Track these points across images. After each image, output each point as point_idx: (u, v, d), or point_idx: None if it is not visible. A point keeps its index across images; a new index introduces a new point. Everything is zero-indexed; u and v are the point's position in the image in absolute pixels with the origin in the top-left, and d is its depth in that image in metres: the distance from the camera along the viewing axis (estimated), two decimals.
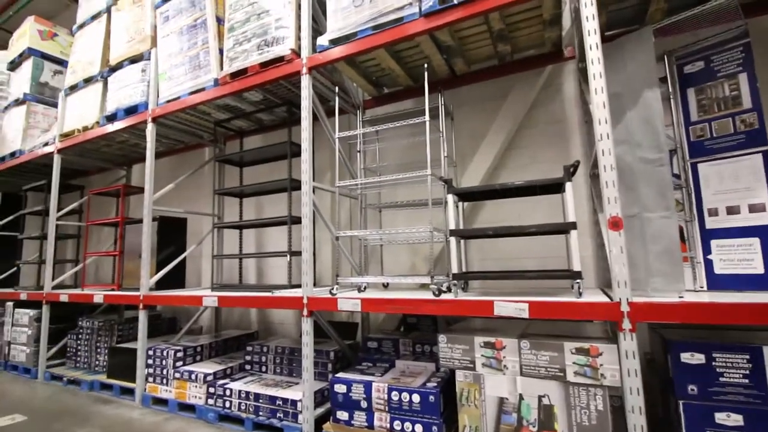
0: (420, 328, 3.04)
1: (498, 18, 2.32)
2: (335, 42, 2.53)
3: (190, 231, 4.35)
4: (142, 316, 3.23)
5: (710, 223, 1.99)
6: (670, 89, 2.11)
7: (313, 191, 2.61)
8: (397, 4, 2.31)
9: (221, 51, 3.13)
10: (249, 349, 3.14)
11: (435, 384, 2.17)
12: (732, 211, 1.92)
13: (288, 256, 3.06)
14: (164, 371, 3.10)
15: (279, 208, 3.98)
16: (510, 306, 1.87)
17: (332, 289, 2.49)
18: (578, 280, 1.90)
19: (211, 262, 3.48)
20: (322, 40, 2.57)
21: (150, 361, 3.19)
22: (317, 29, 2.87)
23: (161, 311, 4.52)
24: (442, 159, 2.59)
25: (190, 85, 3.21)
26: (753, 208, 1.87)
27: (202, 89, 3.12)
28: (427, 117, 2.29)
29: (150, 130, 3.41)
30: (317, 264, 3.59)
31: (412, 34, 2.30)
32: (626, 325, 1.66)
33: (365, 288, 2.69)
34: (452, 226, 2.17)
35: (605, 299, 1.81)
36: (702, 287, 1.99)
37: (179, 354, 3.11)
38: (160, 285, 3.50)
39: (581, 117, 2.81)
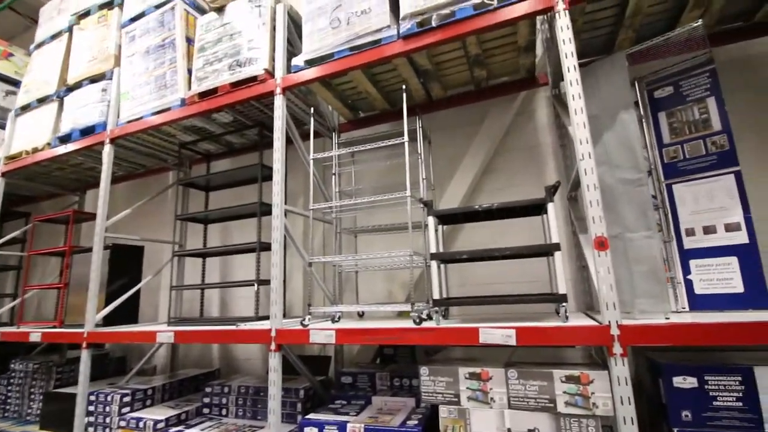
0: (397, 359, 2.85)
1: (475, 43, 2.34)
2: (311, 63, 2.48)
3: (149, 261, 4.03)
4: (85, 356, 2.88)
5: (688, 243, 1.99)
6: (642, 113, 2.16)
7: (285, 215, 2.46)
8: (375, 26, 2.30)
9: (190, 71, 3.02)
10: (208, 390, 2.83)
11: (416, 422, 1.99)
12: (709, 230, 1.93)
13: (255, 285, 2.84)
14: (108, 419, 2.73)
15: (248, 236, 3.77)
16: (497, 333, 1.76)
17: (304, 319, 2.30)
18: (564, 304, 1.83)
19: (169, 293, 3.20)
20: (297, 61, 2.52)
21: (92, 408, 2.81)
22: (292, 52, 2.82)
23: (110, 350, 4.08)
24: (420, 181, 2.52)
25: (155, 104, 3.05)
26: (729, 227, 1.88)
27: (168, 109, 2.97)
28: (406, 137, 2.24)
29: (107, 151, 3.18)
30: (288, 293, 3.38)
31: (389, 56, 2.28)
32: (617, 349, 1.58)
33: (339, 318, 2.51)
34: (433, 250, 2.07)
35: (592, 323, 1.73)
36: (684, 308, 1.96)
37: (126, 399, 2.76)
38: (109, 320, 3.16)
39: (555, 142, 2.86)
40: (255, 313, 2.81)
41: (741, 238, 1.84)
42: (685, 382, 1.53)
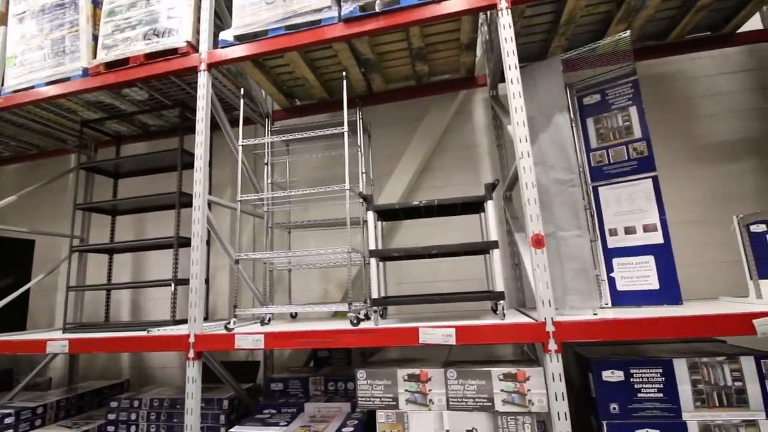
0: (333, 362, 2.72)
1: (418, 35, 2.28)
2: (241, 39, 2.25)
3: (42, 257, 3.47)
4: None
5: (611, 242, 2.10)
6: (572, 118, 2.25)
7: (209, 207, 2.21)
8: (315, 5, 2.14)
9: (95, 38, 2.61)
10: (113, 405, 2.47)
11: (352, 429, 1.88)
12: (629, 231, 2.06)
13: (172, 285, 2.54)
14: None
15: (165, 230, 3.38)
16: (437, 332, 1.71)
17: (228, 323, 2.08)
18: (501, 301, 1.83)
19: (65, 295, 2.74)
20: (226, 35, 2.27)
21: None
22: (220, 26, 2.55)
23: None
24: (360, 176, 2.41)
25: (50, 72, 2.59)
26: (646, 228, 2.02)
27: (67, 79, 2.53)
28: (345, 126, 2.11)
29: None
30: (212, 295, 3.08)
31: (329, 39, 2.13)
32: (552, 345, 1.60)
33: (270, 320, 2.32)
34: (373, 246, 1.97)
35: (527, 320, 1.75)
36: (607, 304, 2.07)
37: (8, 420, 2.32)
38: None
39: (491, 143, 2.91)
40: (171, 317, 2.50)
41: (657, 238, 1.98)
42: (613, 375, 1.60)
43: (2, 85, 2.72)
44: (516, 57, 1.84)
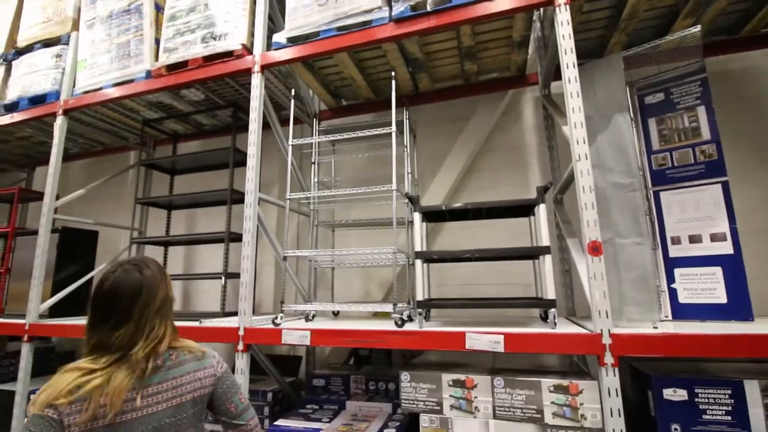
0: (372, 361, 2.74)
1: (469, 33, 2.24)
2: (293, 40, 2.30)
3: (104, 247, 3.71)
4: (26, 350, 2.59)
5: (673, 251, 1.98)
6: (632, 118, 2.13)
7: (259, 204, 2.28)
8: (366, 6, 2.15)
9: (157, 41, 2.75)
10: None
11: (394, 431, 1.88)
12: (694, 239, 1.92)
13: (223, 278, 2.65)
14: None
15: (215, 225, 3.52)
16: (484, 338, 1.67)
17: (276, 318, 2.14)
18: (552, 309, 1.76)
19: None
20: (279, 37, 2.33)
21: None
22: (273, 29, 2.62)
23: (57, 343, 3.74)
24: (406, 176, 2.40)
25: (116, 75, 2.76)
26: (714, 237, 1.88)
27: (131, 81, 2.69)
28: (393, 127, 2.11)
29: (60, 124, 2.87)
30: (257, 289, 3.18)
31: (379, 39, 2.14)
32: (608, 359, 1.52)
33: (314, 317, 2.36)
34: (418, 248, 1.96)
35: (582, 330, 1.68)
36: (667, 317, 1.95)
37: None
38: (56, 311, 2.86)
39: (541, 143, 2.81)
40: (221, 309, 2.61)
41: (726, 248, 1.84)
42: (675, 394, 1.50)
43: (74, 86, 2.94)
44: (574, 55, 1.76)
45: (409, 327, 1.89)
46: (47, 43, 3.16)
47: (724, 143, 1.93)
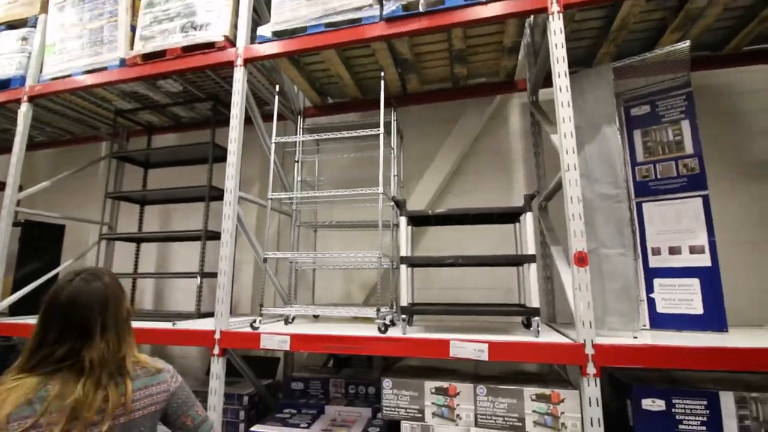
0: (352, 364, 2.70)
1: (461, 37, 2.21)
2: (279, 35, 2.22)
3: (71, 242, 3.53)
4: None
5: (653, 261, 2.01)
6: (619, 129, 2.15)
7: (238, 203, 2.19)
8: (357, 3, 2.09)
9: (133, 28, 2.61)
10: None
11: None
12: (674, 251, 1.96)
13: (198, 278, 2.55)
14: None
15: (191, 222, 3.39)
16: (468, 347, 1.66)
17: (254, 321, 2.07)
18: (536, 318, 1.76)
19: None
20: (264, 31, 2.24)
21: None
22: (257, 21, 2.52)
23: (18, 342, 3.53)
24: (392, 178, 2.36)
25: (88, 62, 2.61)
26: (693, 250, 1.92)
27: (104, 69, 2.55)
28: (381, 129, 2.06)
29: (24, 111, 2.69)
30: (235, 289, 3.08)
31: (369, 38, 2.08)
32: (591, 369, 1.53)
33: (293, 320, 2.30)
34: (404, 253, 1.92)
35: (564, 340, 1.68)
36: (645, 325, 1.99)
37: None
38: (18, 309, 2.70)
39: (526, 150, 2.82)
40: (196, 310, 2.51)
41: (704, 260, 1.88)
42: (653, 404, 1.52)
43: (41, 72, 2.76)
44: (566, 64, 1.76)
45: (392, 332, 1.86)
46: (12, 25, 2.96)
47: (707, 157, 1.97)
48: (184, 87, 2.83)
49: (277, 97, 2.39)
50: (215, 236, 2.43)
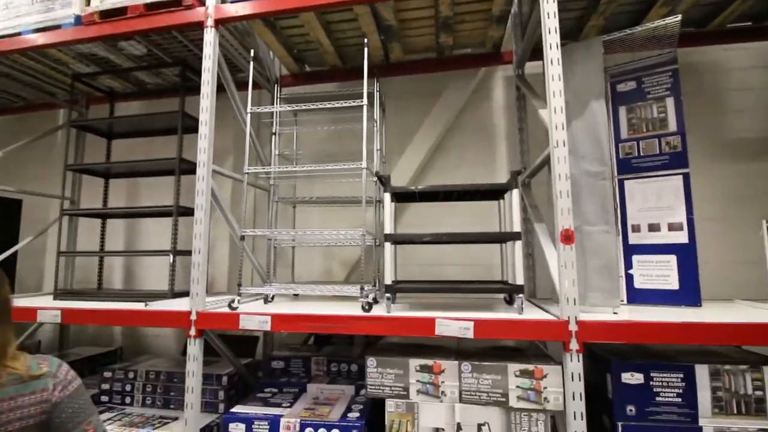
0: (333, 341, 2.68)
1: (448, 3, 2.10)
2: None
3: (30, 218, 3.30)
4: None
5: (633, 238, 2.04)
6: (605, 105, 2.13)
7: (212, 176, 2.07)
8: None
9: None
10: (107, 375, 2.41)
11: (358, 414, 1.84)
12: (653, 228, 1.99)
13: (171, 256, 2.43)
14: None
15: (161, 197, 3.22)
16: (453, 325, 1.64)
17: (233, 301, 1.99)
18: (520, 295, 1.77)
19: (56, 260, 2.61)
20: None
21: None
22: None
23: None
24: (375, 152, 2.28)
25: (39, 19, 2.35)
26: (672, 227, 1.95)
27: (57, 27, 2.30)
28: (365, 99, 1.96)
29: None
30: (210, 266, 2.97)
31: (352, 0, 1.94)
32: (573, 345, 1.55)
33: (273, 298, 2.24)
34: (388, 230, 1.87)
35: (547, 316, 1.70)
36: (622, 301, 2.03)
37: None
38: None
39: (510, 124, 2.78)
40: (170, 290, 2.40)
41: (682, 237, 1.92)
42: (632, 378, 1.56)
43: None
44: (558, 35, 1.69)
45: (376, 311, 1.83)
46: None
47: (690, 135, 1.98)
48: (149, 50, 2.60)
49: (252, 63, 2.23)
50: (187, 212, 2.30)
